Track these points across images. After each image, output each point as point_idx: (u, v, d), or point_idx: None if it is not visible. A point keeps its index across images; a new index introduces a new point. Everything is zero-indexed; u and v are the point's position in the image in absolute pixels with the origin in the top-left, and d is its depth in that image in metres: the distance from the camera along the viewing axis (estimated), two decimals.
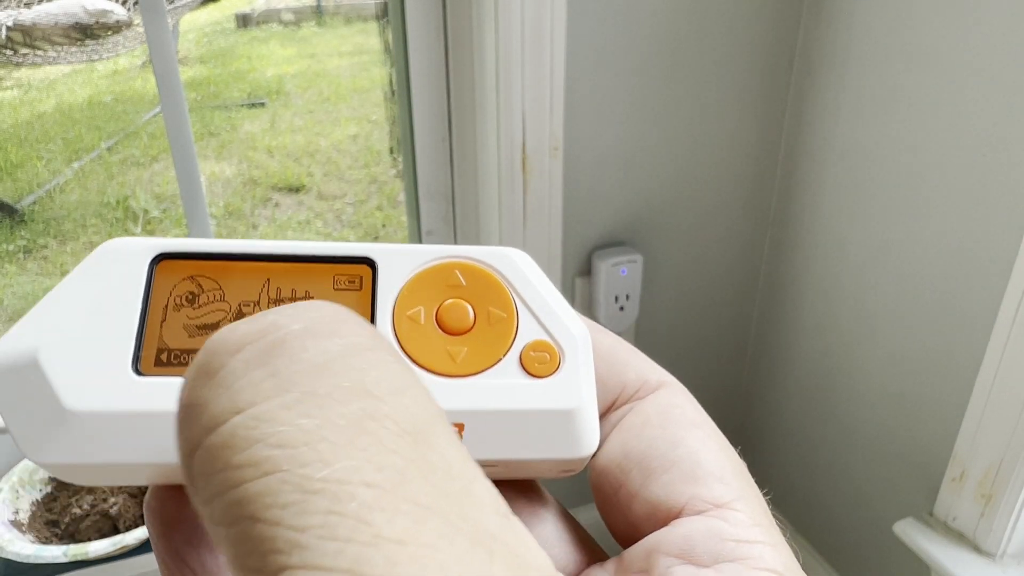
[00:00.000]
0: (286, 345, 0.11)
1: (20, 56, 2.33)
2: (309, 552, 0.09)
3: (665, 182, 0.98)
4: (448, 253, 0.19)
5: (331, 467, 0.10)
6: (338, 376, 0.11)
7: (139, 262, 0.17)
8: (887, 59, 0.86)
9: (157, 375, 0.16)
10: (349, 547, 0.09)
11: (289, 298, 0.18)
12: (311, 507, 0.10)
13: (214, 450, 0.11)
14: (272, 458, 0.10)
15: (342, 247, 0.18)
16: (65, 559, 0.75)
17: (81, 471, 0.16)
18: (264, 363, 0.11)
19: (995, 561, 0.82)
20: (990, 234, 0.78)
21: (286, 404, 0.11)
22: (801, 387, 1.10)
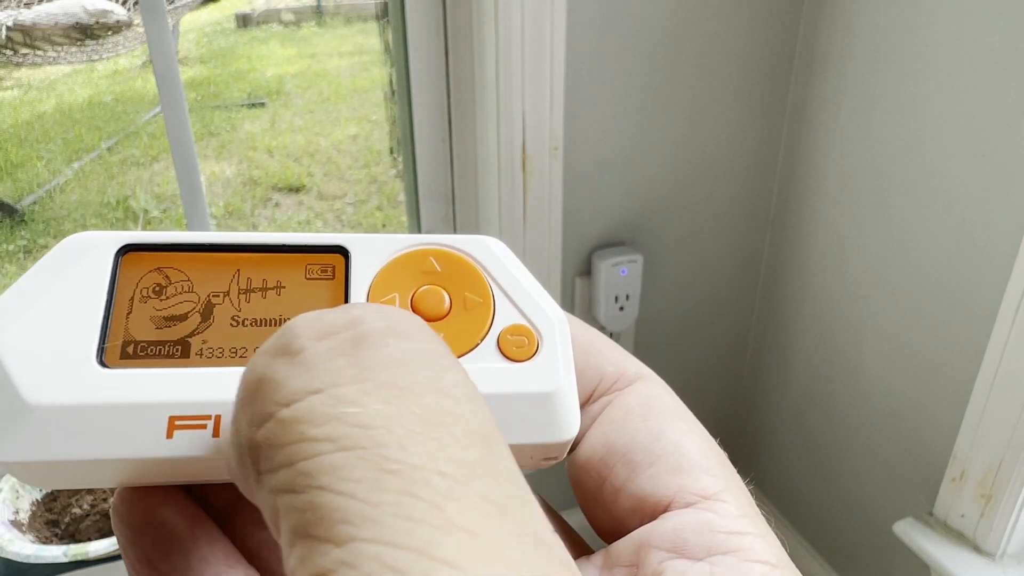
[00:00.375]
0: (369, 339, 0.12)
1: (20, 56, 2.33)
2: (381, 527, 0.10)
3: (665, 182, 0.98)
4: (422, 241, 0.19)
5: (408, 451, 0.10)
6: (417, 373, 0.12)
7: (104, 254, 0.17)
8: (887, 59, 0.86)
9: (123, 367, 0.16)
10: (420, 528, 0.10)
11: (260, 288, 0.17)
12: (386, 485, 0.10)
13: (289, 422, 0.11)
14: (350, 435, 0.11)
15: (314, 237, 0.18)
16: (65, 559, 0.75)
17: (44, 470, 0.15)
18: (347, 352, 0.12)
19: (995, 561, 0.82)
20: (990, 234, 0.78)
21: (366, 390, 0.11)
22: (801, 387, 1.10)
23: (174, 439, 0.15)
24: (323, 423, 0.11)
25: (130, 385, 0.15)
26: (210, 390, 0.16)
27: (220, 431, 0.15)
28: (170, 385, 0.16)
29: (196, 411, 0.15)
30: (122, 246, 0.17)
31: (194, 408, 0.15)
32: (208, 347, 0.17)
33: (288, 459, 0.11)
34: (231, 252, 0.18)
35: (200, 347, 0.17)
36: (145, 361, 0.16)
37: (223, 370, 0.16)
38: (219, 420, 0.15)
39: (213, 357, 0.16)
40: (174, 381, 0.16)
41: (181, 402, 0.15)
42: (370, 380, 0.11)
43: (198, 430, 0.15)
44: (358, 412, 0.11)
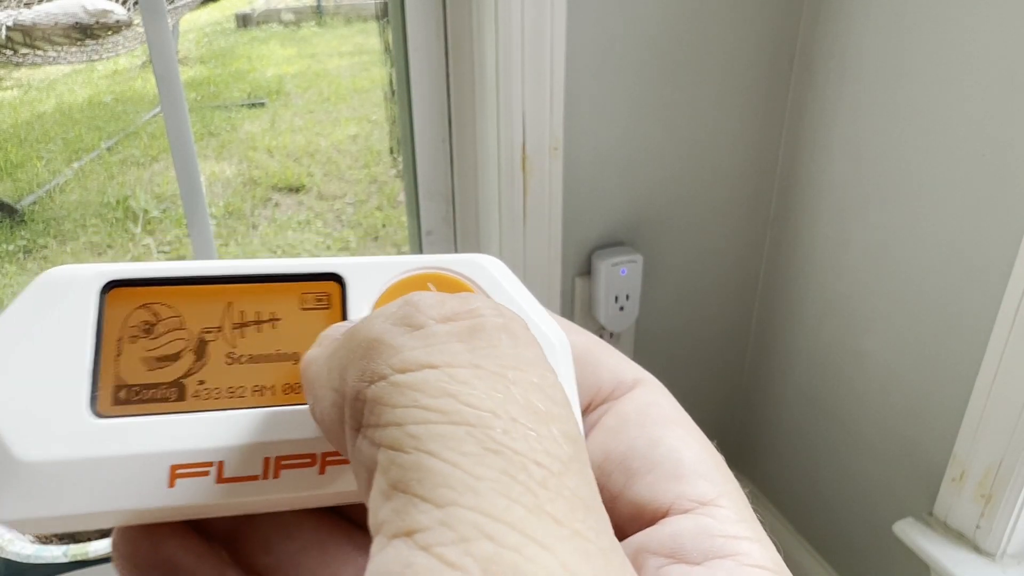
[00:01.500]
0: (485, 332, 0.13)
1: (20, 56, 2.33)
2: (480, 498, 0.10)
3: (665, 182, 0.98)
4: (418, 264, 0.18)
5: (511, 437, 0.11)
6: (523, 371, 0.13)
7: (87, 292, 0.16)
8: (887, 59, 0.86)
9: (117, 415, 0.15)
10: (515, 507, 0.10)
11: (254, 321, 0.17)
12: (488, 462, 0.11)
13: (403, 387, 0.12)
14: (462, 412, 0.11)
15: (307, 263, 0.17)
16: (65, 559, 0.75)
17: (42, 524, 0.15)
18: (464, 339, 0.13)
19: (995, 561, 0.82)
20: (990, 234, 0.78)
21: (479, 376, 0.12)
22: (801, 387, 1.10)
23: (176, 488, 0.15)
24: (437, 396, 0.12)
25: (127, 435, 0.15)
26: (211, 436, 0.15)
27: (223, 477, 0.15)
28: (168, 432, 0.15)
29: (198, 459, 0.15)
30: (107, 283, 0.16)
31: (195, 456, 0.15)
32: (204, 388, 0.16)
33: (398, 420, 0.12)
34: (221, 284, 0.17)
35: (196, 388, 0.16)
36: (140, 407, 0.16)
37: (222, 414, 0.16)
38: (221, 466, 0.15)
39: (210, 399, 0.16)
40: (172, 428, 0.15)
41: (182, 450, 0.15)
42: (482, 368, 0.12)
43: (200, 477, 0.15)
44: (471, 393, 0.12)
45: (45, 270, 0.16)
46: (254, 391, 0.16)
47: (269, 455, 0.15)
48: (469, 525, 0.10)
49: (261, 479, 0.15)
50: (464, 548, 0.10)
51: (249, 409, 0.16)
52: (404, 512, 0.11)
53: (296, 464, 0.16)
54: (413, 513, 0.11)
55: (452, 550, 0.10)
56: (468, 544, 0.10)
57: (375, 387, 0.12)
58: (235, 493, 0.15)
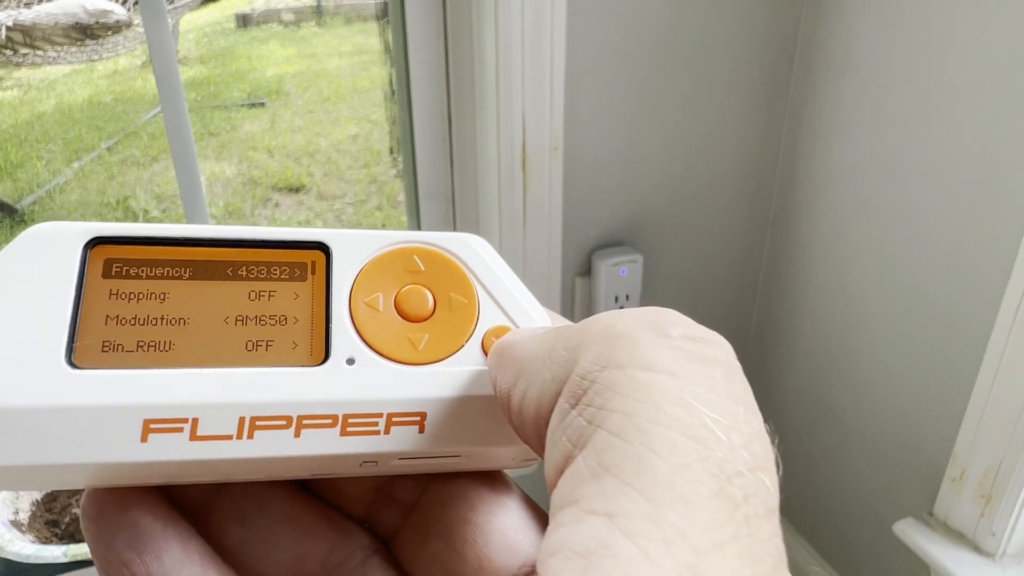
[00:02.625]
0: (725, 366, 0.14)
1: (20, 56, 2.33)
2: (692, 510, 0.11)
3: (665, 182, 0.98)
4: (405, 238, 0.18)
5: (732, 466, 0.12)
6: (751, 415, 0.13)
7: (71, 247, 0.16)
8: (887, 59, 0.86)
9: (93, 367, 0.15)
10: (721, 530, 0.11)
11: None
12: (706, 481, 0.11)
13: (641, 383, 0.12)
14: (693, 426, 0.12)
15: (294, 232, 0.18)
16: (65, 559, 0.75)
17: (10, 474, 0.14)
18: (705, 364, 0.13)
19: (995, 561, 0.82)
20: (990, 234, 0.78)
21: (711, 400, 0.12)
22: (801, 387, 1.10)
23: (149, 443, 0.15)
24: (674, 403, 0.12)
25: (101, 386, 0.15)
26: (186, 392, 0.15)
27: (196, 434, 0.15)
28: (144, 386, 0.15)
29: (172, 414, 0.15)
30: (91, 239, 0.16)
31: (170, 411, 0.15)
32: (183, 345, 0.16)
33: (629, 411, 0.12)
34: (208, 247, 0.17)
35: (175, 345, 0.16)
36: (117, 360, 0.15)
37: (200, 371, 0.15)
38: (196, 423, 0.15)
39: (189, 356, 0.16)
40: (148, 382, 0.15)
41: (156, 404, 0.15)
42: (715, 393, 0.13)
43: (174, 433, 0.15)
44: (705, 413, 0.12)
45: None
46: (233, 350, 0.16)
47: (244, 415, 0.15)
48: (676, 530, 0.10)
49: (235, 439, 0.15)
50: (667, 549, 0.10)
51: (227, 368, 0.16)
52: (612, 495, 0.11)
53: (271, 426, 0.15)
54: (622, 500, 0.11)
55: (656, 547, 0.10)
56: (671, 546, 0.10)
57: (612, 372, 0.13)
58: (208, 451, 0.15)
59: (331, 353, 0.17)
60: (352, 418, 0.16)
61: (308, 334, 0.17)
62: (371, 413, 0.16)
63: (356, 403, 0.16)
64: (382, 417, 0.16)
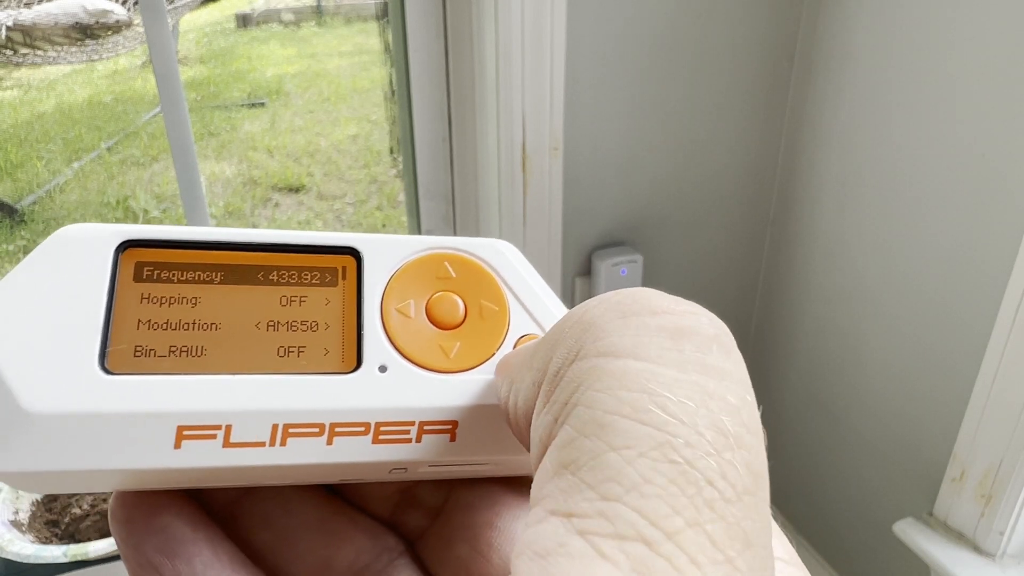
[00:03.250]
0: (696, 337, 0.13)
1: (20, 56, 2.33)
2: (645, 502, 0.10)
3: (665, 182, 0.98)
4: (436, 244, 0.18)
5: (692, 451, 0.11)
6: (725, 389, 0.12)
7: (103, 249, 0.16)
8: (887, 59, 0.86)
9: (126, 373, 0.15)
10: (676, 519, 0.10)
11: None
12: (663, 470, 0.11)
13: (602, 371, 0.12)
14: (652, 414, 0.11)
15: (325, 236, 0.17)
16: (65, 559, 0.75)
17: (42, 479, 0.14)
18: (674, 338, 0.13)
19: (995, 561, 0.82)
20: (990, 234, 0.78)
21: (679, 381, 0.12)
22: (801, 386, 1.10)
23: (182, 449, 0.15)
24: (633, 389, 0.12)
25: (135, 393, 0.15)
26: (220, 399, 0.15)
27: (230, 441, 0.15)
28: (178, 393, 0.15)
29: (205, 420, 0.15)
30: (122, 241, 0.16)
31: (203, 418, 0.15)
32: (216, 351, 0.16)
33: (588, 402, 0.12)
34: (239, 251, 0.17)
35: (208, 351, 0.16)
36: (150, 366, 0.15)
37: (233, 378, 0.15)
38: (229, 430, 0.15)
39: (222, 362, 0.16)
40: (181, 388, 0.15)
41: (190, 411, 0.15)
42: (685, 373, 0.12)
43: (208, 440, 0.15)
44: (666, 397, 0.12)
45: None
46: (265, 357, 0.16)
47: (277, 422, 0.15)
48: (628, 524, 0.10)
49: (268, 446, 0.15)
50: (619, 544, 0.10)
51: (260, 375, 0.16)
52: (568, 493, 0.11)
53: (304, 433, 0.15)
54: (576, 497, 0.11)
55: (608, 543, 0.10)
56: (623, 541, 0.10)
57: (577, 364, 0.12)
58: (240, 458, 0.15)
59: (363, 360, 0.17)
60: (384, 426, 0.16)
61: (340, 340, 0.17)
62: (403, 421, 0.16)
63: (388, 411, 0.16)
64: (414, 425, 0.16)
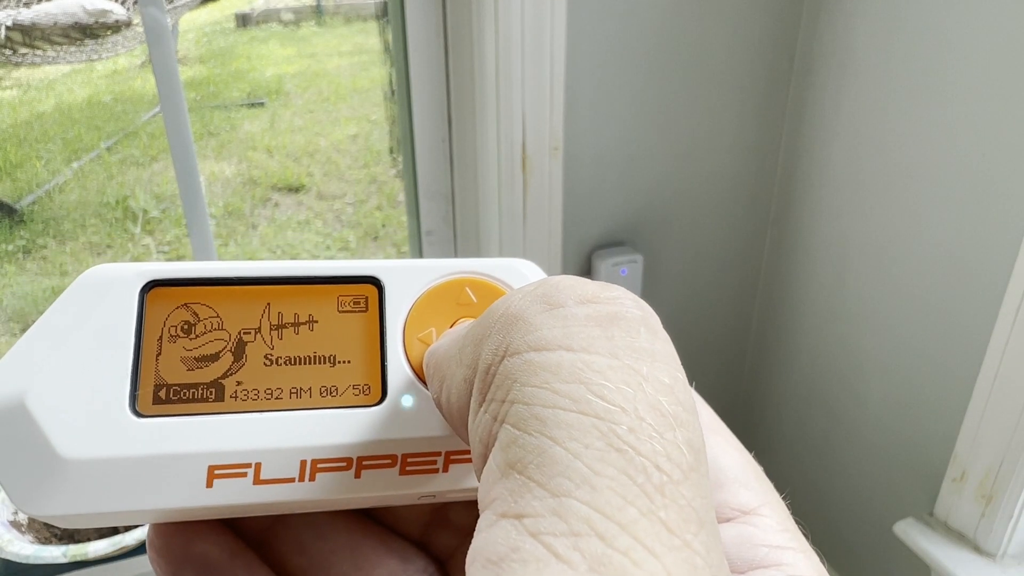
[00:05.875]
0: (624, 321, 0.13)
1: (19, 56, 2.33)
2: (597, 495, 0.10)
3: (665, 182, 0.98)
4: (456, 269, 0.18)
5: (636, 437, 0.11)
6: (658, 370, 0.12)
7: (128, 291, 0.16)
8: (887, 59, 0.86)
9: (157, 415, 0.15)
10: (629, 509, 0.10)
11: (292, 323, 0.17)
12: (610, 459, 0.11)
13: (536, 367, 0.12)
14: (591, 403, 0.11)
15: (345, 265, 0.17)
16: (65, 559, 0.75)
17: (79, 519, 0.15)
18: (603, 325, 0.12)
19: (995, 561, 0.82)
20: (990, 234, 0.78)
21: (613, 367, 0.12)
22: (801, 387, 1.10)
23: (214, 488, 0.15)
24: (569, 381, 0.11)
25: (166, 434, 0.15)
26: (248, 438, 0.15)
27: (260, 478, 0.15)
28: (207, 433, 0.15)
29: (235, 459, 0.15)
30: (147, 282, 0.16)
31: (233, 457, 0.15)
32: (242, 389, 0.16)
33: (526, 399, 0.11)
34: (260, 285, 0.17)
35: (234, 389, 0.16)
36: (179, 407, 0.16)
37: (260, 416, 0.16)
38: (259, 468, 0.15)
39: (248, 400, 0.16)
40: (211, 428, 0.15)
41: (220, 451, 0.15)
42: (618, 359, 0.12)
43: (238, 478, 0.15)
44: (603, 384, 0.11)
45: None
46: (291, 393, 0.16)
47: (305, 458, 0.16)
48: (581, 520, 0.10)
49: (297, 481, 0.15)
50: (573, 542, 0.10)
51: (286, 411, 0.16)
52: (518, 494, 0.11)
53: (332, 468, 0.16)
54: (527, 497, 0.10)
55: (561, 542, 0.10)
56: (578, 539, 0.10)
57: (508, 361, 0.12)
58: (271, 494, 0.15)
59: (387, 392, 0.17)
60: (411, 457, 0.16)
61: (365, 373, 0.17)
62: (430, 452, 0.16)
63: (414, 442, 0.16)
64: (440, 455, 0.16)
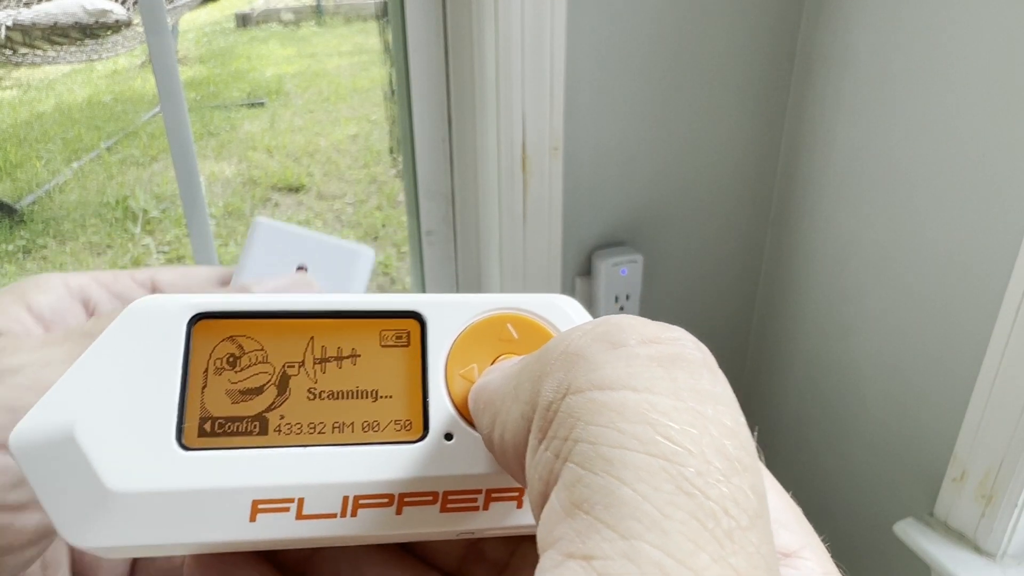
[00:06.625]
0: (686, 363, 0.13)
1: (20, 56, 2.33)
2: (668, 539, 0.10)
3: (665, 182, 0.98)
4: (498, 304, 0.18)
5: (704, 480, 0.11)
6: (720, 413, 0.12)
7: (176, 323, 0.16)
8: (887, 59, 0.86)
9: (203, 448, 0.15)
10: (700, 555, 0.10)
11: (335, 357, 0.17)
12: (679, 503, 0.10)
13: (602, 406, 0.12)
14: (659, 444, 0.11)
15: (388, 300, 0.18)
16: None
17: (123, 551, 0.15)
18: (665, 366, 0.12)
19: (995, 561, 0.82)
20: (990, 234, 0.78)
21: (678, 408, 0.12)
22: (801, 387, 1.10)
23: (257, 522, 0.15)
24: (635, 421, 0.11)
25: (212, 468, 0.15)
26: (292, 473, 0.16)
27: (302, 514, 0.15)
28: (251, 468, 0.15)
29: (279, 495, 0.15)
30: (194, 315, 0.17)
31: (277, 492, 0.15)
32: (286, 423, 0.16)
33: (592, 438, 0.11)
34: (304, 318, 0.17)
35: (278, 423, 0.16)
36: (224, 440, 0.16)
37: (304, 451, 0.16)
38: (302, 503, 0.15)
39: (292, 434, 0.16)
40: (255, 463, 0.15)
41: (264, 486, 0.15)
42: (682, 400, 0.12)
43: (281, 513, 0.15)
44: (669, 425, 0.11)
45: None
46: (334, 428, 0.16)
47: (348, 494, 0.16)
48: (653, 564, 0.10)
49: (339, 517, 0.16)
50: None
51: (329, 447, 0.16)
52: (586, 535, 0.10)
53: (374, 504, 0.16)
54: (596, 539, 0.10)
55: None
56: None
57: (571, 399, 0.12)
58: (313, 530, 0.16)
59: (429, 428, 0.17)
60: (452, 495, 0.16)
61: (406, 408, 0.17)
62: (471, 489, 0.16)
63: (456, 479, 0.16)
64: (481, 493, 0.16)
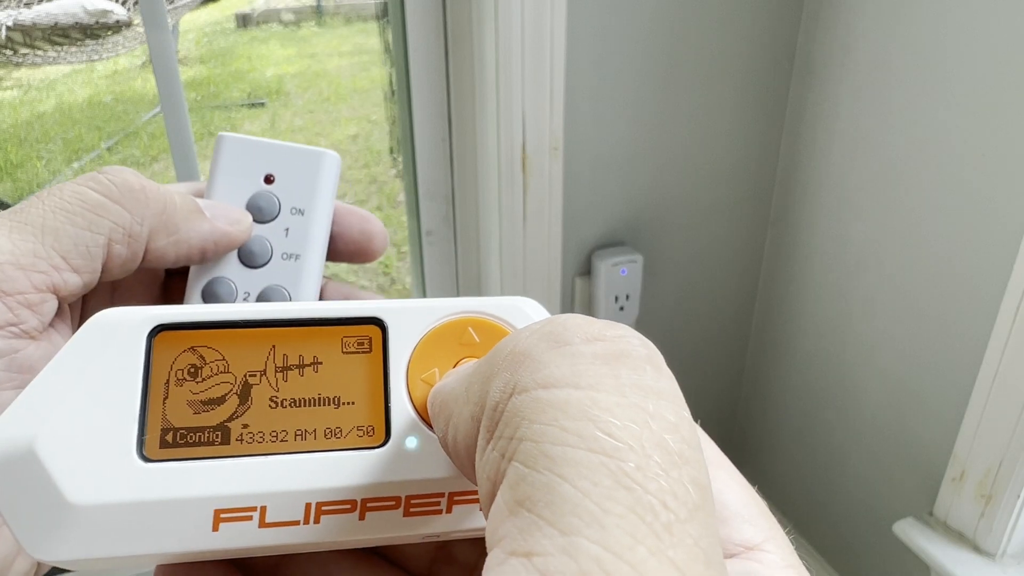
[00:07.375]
0: (631, 359, 0.13)
1: (20, 56, 2.33)
2: (606, 533, 0.10)
3: (665, 182, 0.98)
4: (459, 308, 0.18)
5: (644, 474, 0.11)
6: (663, 408, 0.12)
7: (136, 335, 0.16)
8: (887, 59, 0.86)
9: (164, 459, 0.15)
10: (639, 548, 0.10)
11: (297, 365, 0.17)
12: (619, 497, 0.11)
13: (544, 403, 0.12)
14: (600, 441, 0.11)
15: (349, 307, 0.18)
16: None
17: (87, 563, 0.15)
18: (609, 363, 0.12)
19: (995, 561, 0.82)
20: (990, 234, 0.78)
21: (620, 404, 0.12)
22: (801, 387, 1.10)
23: (220, 532, 0.15)
24: (577, 418, 0.11)
25: (173, 479, 0.15)
26: (254, 481, 0.16)
27: (265, 521, 0.15)
28: (213, 477, 0.15)
29: (241, 503, 0.15)
30: (154, 326, 0.17)
31: (239, 500, 0.15)
32: (248, 432, 0.16)
33: (535, 436, 0.11)
34: (265, 327, 0.17)
35: (240, 432, 0.16)
36: (186, 450, 0.16)
37: (266, 459, 0.16)
38: (264, 511, 0.15)
39: (254, 443, 0.16)
40: (217, 472, 0.15)
41: (226, 495, 0.15)
42: (625, 396, 0.12)
43: (244, 522, 0.15)
44: (611, 421, 0.11)
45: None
46: (296, 435, 0.17)
47: (310, 501, 0.16)
48: (591, 559, 0.10)
49: (302, 524, 0.16)
50: None
51: (292, 454, 0.16)
52: (527, 532, 0.11)
53: (337, 510, 0.16)
54: (537, 535, 0.10)
55: None
56: None
57: (517, 398, 0.12)
58: (277, 537, 0.16)
59: (391, 433, 0.17)
60: (414, 499, 0.16)
61: (369, 415, 0.17)
62: (433, 493, 0.16)
63: (418, 483, 0.16)
64: (444, 497, 0.17)
